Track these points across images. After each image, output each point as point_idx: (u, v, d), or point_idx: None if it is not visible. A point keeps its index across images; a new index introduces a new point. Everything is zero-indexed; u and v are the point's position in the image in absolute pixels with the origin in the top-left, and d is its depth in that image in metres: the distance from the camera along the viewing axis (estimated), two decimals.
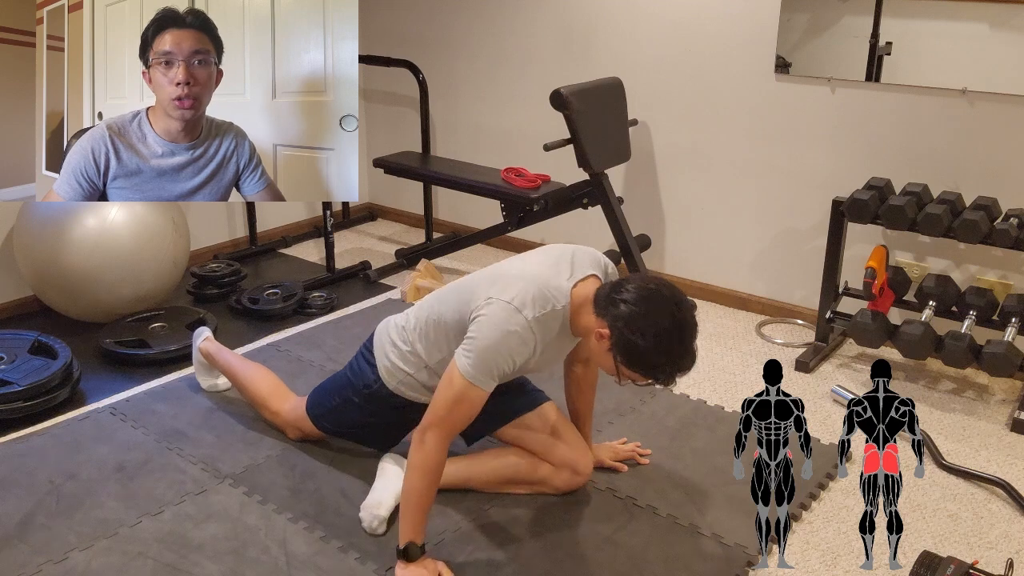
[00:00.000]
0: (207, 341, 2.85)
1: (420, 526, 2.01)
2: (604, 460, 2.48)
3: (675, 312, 1.86)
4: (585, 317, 2.00)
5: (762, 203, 3.50)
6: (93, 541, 2.17)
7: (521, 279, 2.01)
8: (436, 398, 1.99)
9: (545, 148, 3.26)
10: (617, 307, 1.88)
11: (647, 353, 1.86)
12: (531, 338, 1.97)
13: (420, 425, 2.00)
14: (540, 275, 2.02)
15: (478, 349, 1.94)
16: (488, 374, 1.95)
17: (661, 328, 1.85)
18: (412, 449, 2.00)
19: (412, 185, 4.57)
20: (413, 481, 1.99)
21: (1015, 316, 2.81)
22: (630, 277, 1.95)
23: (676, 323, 1.86)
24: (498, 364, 1.95)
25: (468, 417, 1.99)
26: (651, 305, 1.86)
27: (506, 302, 1.96)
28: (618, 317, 1.87)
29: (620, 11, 3.65)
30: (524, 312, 1.95)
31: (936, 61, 2.99)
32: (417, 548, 2.01)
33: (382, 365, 2.28)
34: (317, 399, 2.49)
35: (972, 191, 3.00)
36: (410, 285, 3.68)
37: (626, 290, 1.89)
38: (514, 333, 1.94)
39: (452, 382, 1.96)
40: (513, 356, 1.96)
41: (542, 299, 1.98)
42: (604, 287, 1.97)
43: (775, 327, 3.51)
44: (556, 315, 2.00)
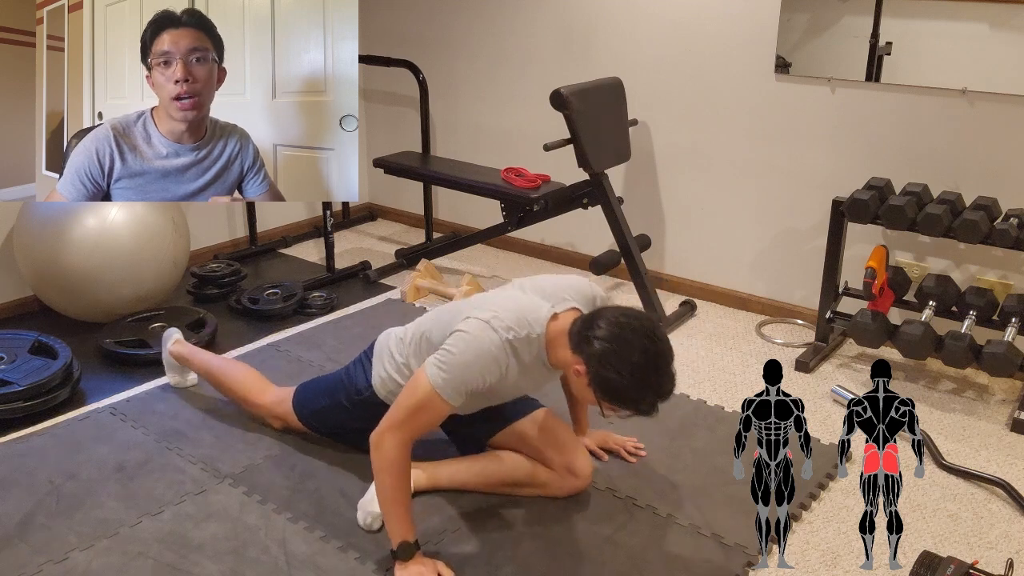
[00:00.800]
0: (177, 344, 2.85)
1: (405, 524, 2.02)
2: (589, 443, 2.51)
3: (647, 345, 1.85)
4: (561, 351, 1.99)
5: (762, 203, 3.50)
6: (93, 541, 2.17)
7: (504, 302, 2.04)
8: (398, 402, 2.01)
9: (545, 148, 3.26)
10: (591, 344, 1.88)
11: (625, 389, 1.86)
12: (503, 357, 1.98)
13: (378, 427, 2.01)
14: (522, 302, 2.05)
15: (451, 362, 1.96)
16: (456, 389, 1.96)
17: (636, 364, 1.84)
18: (372, 449, 2.02)
19: (412, 185, 4.57)
20: (382, 482, 2.01)
21: (1015, 316, 2.82)
22: (601, 311, 1.93)
23: (650, 356, 1.85)
24: (468, 380, 1.96)
25: (427, 426, 2.01)
26: (623, 341, 1.85)
27: (483, 320, 1.99)
28: (592, 355, 1.87)
29: (620, 11, 3.65)
30: (499, 332, 1.97)
31: (936, 61, 2.99)
32: (410, 545, 2.01)
33: (377, 375, 2.31)
34: (306, 397, 2.51)
35: (972, 191, 3.00)
36: (410, 285, 3.68)
37: (598, 327, 1.88)
38: (487, 351, 1.96)
39: (417, 388, 1.98)
40: (484, 374, 1.97)
41: (518, 324, 1.99)
42: (576, 323, 1.96)
43: (775, 327, 3.51)
44: (531, 342, 2.00)
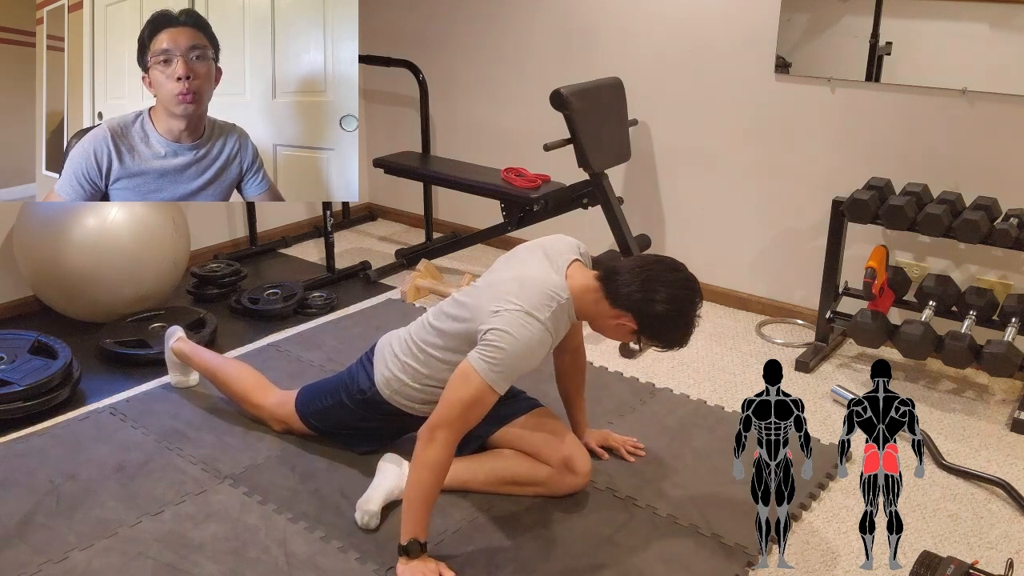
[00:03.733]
0: (180, 341, 2.85)
1: (423, 523, 2.01)
2: (590, 442, 2.53)
3: (685, 283, 2.06)
4: (593, 305, 2.11)
5: (762, 203, 3.50)
6: (93, 541, 2.17)
7: (519, 285, 2.06)
8: (449, 398, 1.99)
9: (545, 148, 3.26)
10: (651, 307, 2.03)
11: (676, 331, 2.07)
12: (548, 338, 2.05)
13: (429, 423, 2.00)
14: (534, 276, 2.09)
15: (502, 355, 1.97)
16: (507, 378, 2.00)
17: (689, 318, 2.06)
18: (420, 446, 1.99)
19: (412, 185, 4.57)
20: (421, 477, 1.98)
21: (1015, 316, 2.82)
22: (648, 271, 2.05)
23: (695, 307, 2.07)
24: (519, 368, 2.01)
25: (479, 418, 2.03)
26: (679, 303, 2.04)
27: (517, 309, 2.01)
28: (654, 317, 2.04)
29: (620, 11, 3.65)
30: (537, 314, 2.01)
31: (936, 61, 2.99)
32: (418, 545, 2.00)
33: (380, 374, 2.32)
34: (308, 398, 2.51)
35: (972, 191, 3.00)
36: (410, 285, 3.68)
37: (655, 289, 2.03)
38: (534, 337, 2.00)
39: (469, 383, 1.97)
40: (535, 357, 2.03)
41: (547, 298, 2.05)
42: (609, 279, 2.08)
43: (775, 327, 3.51)
44: (563, 309, 2.08)
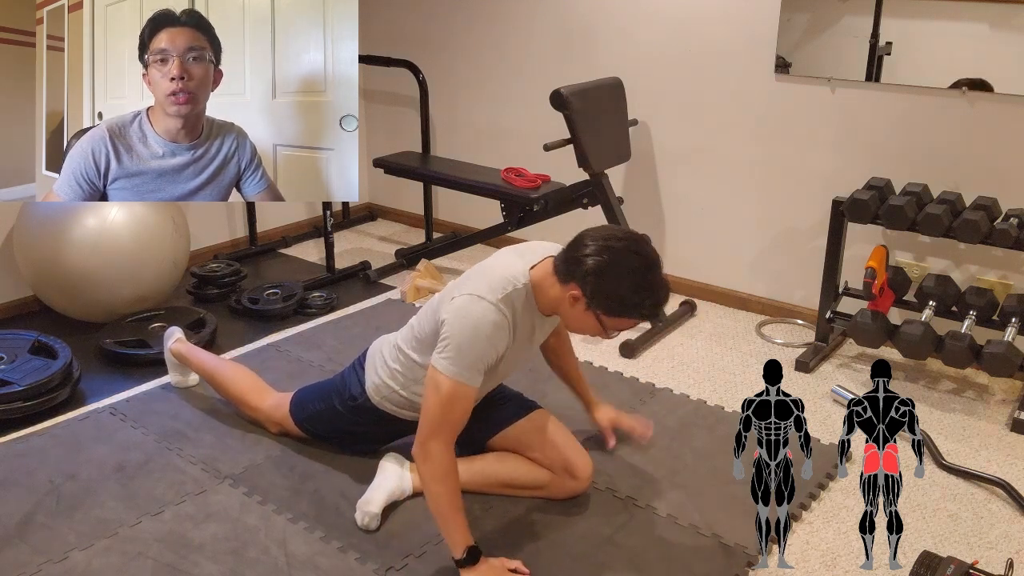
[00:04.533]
0: (178, 342, 2.85)
1: (465, 529, 1.97)
2: (601, 420, 2.53)
3: (637, 249, 1.94)
4: (550, 290, 2.03)
5: (762, 203, 3.50)
6: (93, 541, 2.17)
7: (479, 275, 2.05)
8: (426, 407, 1.97)
9: (545, 148, 3.26)
10: (582, 264, 1.93)
11: (626, 295, 1.92)
12: (503, 319, 1.98)
13: (418, 439, 1.98)
14: (495, 266, 2.07)
15: (456, 346, 1.94)
16: (472, 368, 1.95)
17: (632, 268, 1.91)
18: (419, 465, 1.97)
19: (412, 185, 4.57)
20: (435, 491, 1.96)
21: (1015, 316, 2.81)
22: (582, 235, 2.00)
23: (642, 258, 1.93)
24: (480, 355, 1.95)
25: (464, 416, 1.99)
26: (613, 251, 1.92)
27: (468, 294, 1.98)
28: (587, 273, 1.92)
29: (620, 11, 3.65)
30: (487, 296, 1.97)
31: (936, 61, 2.99)
32: (474, 551, 1.96)
33: (370, 380, 2.32)
34: (302, 401, 2.51)
35: (972, 191, 2.99)
36: (410, 285, 3.68)
37: (584, 246, 1.95)
38: (485, 319, 1.95)
39: (438, 387, 1.95)
40: (493, 342, 1.97)
41: (501, 281, 2.01)
42: (559, 257, 2.02)
43: (775, 327, 3.51)
44: (518, 292, 2.02)
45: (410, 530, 2.22)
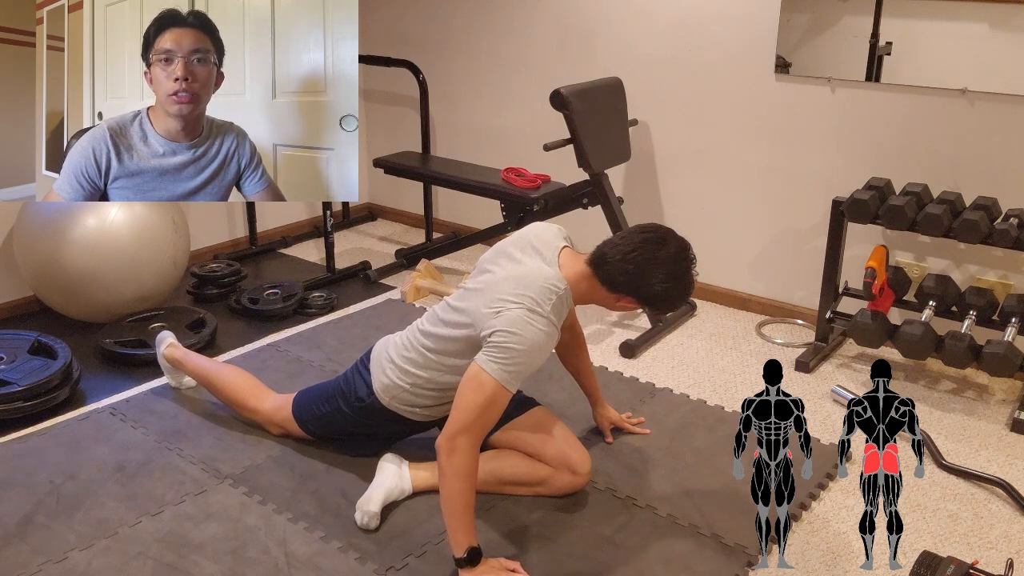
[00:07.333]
0: (171, 347, 2.83)
1: (470, 530, 1.97)
2: (603, 421, 2.65)
3: (677, 256, 2.06)
4: (589, 292, 2.12)
5: (762, 203, 3.50)
6: (93, 541, 2.17)
7: (515, 283, 2.06)
8: (463, 403, 1.97)
9: (545, 148, 3.26)
10: (637, 284, 2.05)
11: (678, 298, 2.10)
12: (554, 331, 2.05)
13: (447, 432, 1.97)
14: (529, 272, 2.09)
15: (512, 355, 1.96)
16: (520, 376, 2.00)
17: (681, 277, 2.06)
18: (443, 457, 1.96)
19: (412, 185, 4.57)
20: (453, 486, 1.95)
21: (1015, 316, 2.81)
22: (615, 247, 2.07)
23: (685, 264, 2.07)
24: (532, 366, 2.01)
25: (495, 420, 2.02)
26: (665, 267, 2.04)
27: (519, 306, 2.00)
28: (645, 294, 2.07)
29: (620, 11, 3.65)
30: (539, 309, 2.01)
31: (936, 61, 2.99)
32: (476, 551, 1.97)
33: (378, 381, 2.31)
34: (305, 404, 2.51)
35: (972, 191, 3.00)
36: (410, 285, 3.68)
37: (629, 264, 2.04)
38: (542, 335, 2.01)
39: (482, 387, 1.95)
40: (544, 352, 2.04)
41: (546, 291, 2.05)
42: (601, 264, 2.09)
43: (775, 327, 3.51)
44: (562, 300, 2.08)
45: (410, 530, 2.22)
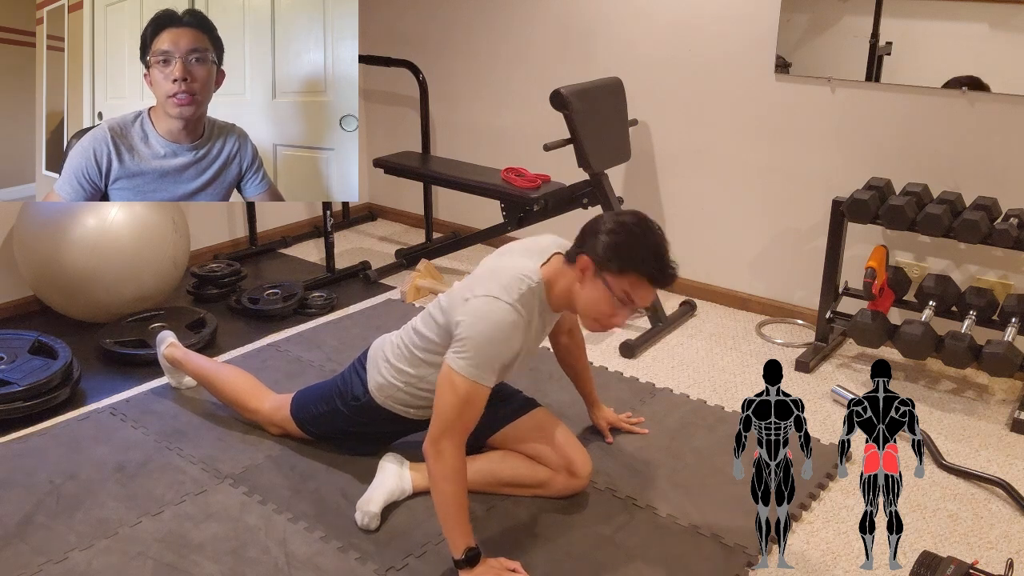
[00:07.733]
0: (171, 347, 2.83)
1: (466, 531, 1.98)
2: (600, 421, 2.65)
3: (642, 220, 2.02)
4: (561, 282, 2.08)
5: (762, 203, 3.50)
6: (93, 541, 2.17)
7: (490, 274, 2.07)
8: (441, 405, 1.97)
9: (545, 148, 3.26)
10: (587, 235, 2.03)
11: (632, 247, 1.97)
12: (520, 319, 2.01)
13: (429, 437, 1.97)
14: (505, 265, 2.10)
15: (474, 346, 1.95)
16: (488, 368, 1.97)
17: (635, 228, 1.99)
18: (430, 463, 1.97)
19: (412, 185, 4.57)
20: (444, 490, 1.96)
21: (1015, 316, 2.81)
22: (597, 219, 2.05)
23: (645, 223, 2.01)
24: (497, 356, 1.98)
25: (477, 416, 2.00)
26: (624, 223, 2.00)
27: (484, 296, 1.99)
28: (595, 247, 2.00)
29: (620, 11, 3.65)
30: (504, 297, 1.99)
31: (936, 61, 2.99)
32: (474, 552, 1.97)
33: (373, 380, 2.32)
34: (303, 404, 2.51)
35: (972, 191, 3.00)
36: (410, 285, 3.68)
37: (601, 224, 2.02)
38: (502, 319, 1.97)
39: (454, 386, 1.95)
40: (511, 342, 2.00)
41: (516, 280, 2.03)
42: (574, 246, 2.09)
43: (775, 327, 3.51)
44: (533, 292, 2.05)
45: (410, 530, 2.22)
